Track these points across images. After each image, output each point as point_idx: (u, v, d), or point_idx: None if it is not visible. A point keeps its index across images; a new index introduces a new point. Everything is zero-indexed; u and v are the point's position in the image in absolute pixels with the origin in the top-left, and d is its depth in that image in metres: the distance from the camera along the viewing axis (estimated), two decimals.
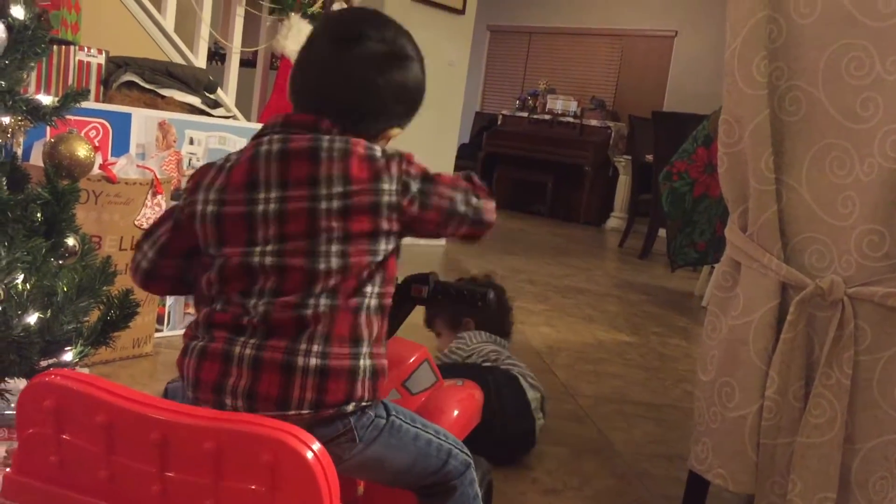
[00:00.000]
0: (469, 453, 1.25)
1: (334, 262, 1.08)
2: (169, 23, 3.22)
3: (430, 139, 6.01)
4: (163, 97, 2.83)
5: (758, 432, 1.71)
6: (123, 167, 2.44)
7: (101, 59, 2.69)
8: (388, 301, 1.15)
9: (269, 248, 1.09)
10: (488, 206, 1.21)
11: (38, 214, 1.60)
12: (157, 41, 3.17)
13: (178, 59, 3.21)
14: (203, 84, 3.02)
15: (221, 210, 1.12)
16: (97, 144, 2.56)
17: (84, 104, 2.57)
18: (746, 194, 1.78)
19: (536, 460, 2.24)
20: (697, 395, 1.87)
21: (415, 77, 1.21)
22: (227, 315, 1.09)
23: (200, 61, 3.36)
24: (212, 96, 3.06)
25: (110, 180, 2.37)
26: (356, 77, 1.15)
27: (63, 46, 2.59)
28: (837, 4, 1.59)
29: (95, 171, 2.41)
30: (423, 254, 5.77)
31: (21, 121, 1.67)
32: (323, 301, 1.07)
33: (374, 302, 1.11)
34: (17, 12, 1.59)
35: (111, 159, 2.53)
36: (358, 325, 1.09)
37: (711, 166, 2.03)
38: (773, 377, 1.69)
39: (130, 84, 2.77)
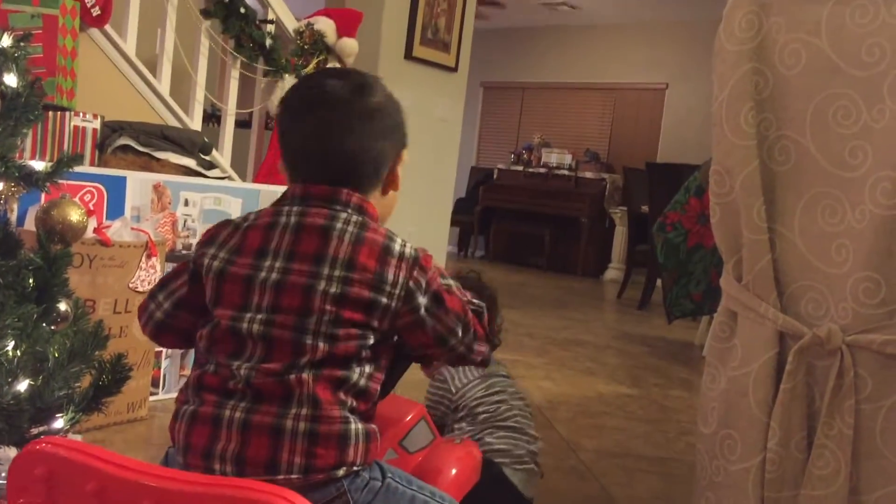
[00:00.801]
0: None
1: (321, 342, 1.07)
2: (164, 87, 3.26)
3: (427, 194, 6.04)
4: (158, 160, 2.85)
5: (762, 485, 1.69)
6: (118, 230, 2.44)
7: (97, 124, 2.72)
8: (377, 386, 1.14)
9: (259, 316, 1.09)
10: (480, 349, 1.21)
11: (30, 280, 1.60)
12: (153, 105, 3.20)
13: (174, 122, 3.24)
14: (198, 146, 3.04)
15: (227, 268, 1.12)
16: (92, 208, 2.57)
17: (79, 168, 2.58)
18: (740, 244, 1.77)
19: None
20: (699, 449, 1.85)
21: (391, 106, 1.20)
22: (217, 378, 1.08)
23: (196, 124, 3.39)
24: (207, 158, 3.08)
25: (104, 243, 2.37)
26: (361, 139, 1.15)
27: (58, 112, 2.62)
28: (822, 55, 1.61)
29: (89, 234, 2.42)
30: None
31: (14, 187, 1.68)
32: (308, 371, 1.06)
33: (361, 382, 1.11)
34: (10, 80, 1.60)
35: (106, 222, 2.54)
36: (345, 395, 1.08)
37: (704, 216, 2.03)
38: (774, 428, 1.67)
39: (126, 148, 2.79)
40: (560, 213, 9.32)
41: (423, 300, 1.12)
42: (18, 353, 1.46)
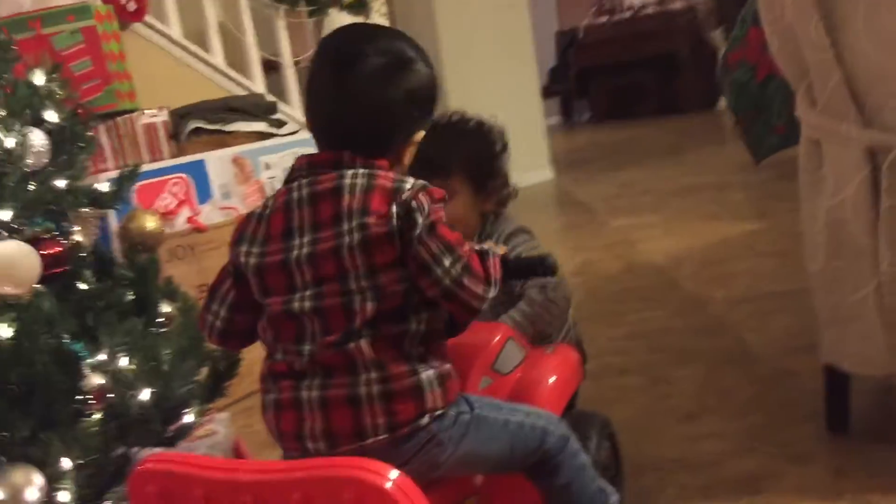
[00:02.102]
0: (565, 427, 1.25)
1: (369, 300, 1.08)
2: (218, 58, 3.30)
3: (506, 75, 5.92)
4: (230, 133, 2.91)
5: (882, 310, 1.62)
6: (208, 214, 2.54)
7: (165, 116, 2.80)
8: (439, 325, 1.14)
9: (307, 292, 1.10)
10: (473, 288, 1.11)
11: (128, 294, 1.70)
12: (213, 80, 3.26)
13: (239, 91, 3.29)
14: (264, 108, 3.08)
15: (262, 261, 1.14)
16: (183, 198, 2.67)
17: (159, 164, 2.69)
18: (805, 68, 1.66)
19: (673, 387, 2.20)
20: (813, 287, 1.78)
21: (420, 78, 1.17)
22: (284, 364, 1.12)
23: (258, 85, 3.43)
24: (275, 117, 3.13)
25: (201, 230, 2.48)
26: (363, 100, 1.13)
27: (125, 116, 2.71)
28: None
29: (185, 225, 2.53)
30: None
31: (90, 211, 1.77)
32: (365, 333, 1.08)
33: (422, 328, 1.11)
34: (51, 116, 1.67)
35: (197, 208, 2.65)
36: (408, 348, 1.10)
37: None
38: (882, 251, 1.59)
39: (198, 130, 2.86)
40: (656, 54, 8.93)
41: (420, 221, 1.09)
42: (133, 365, 1.57)
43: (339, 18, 3.52)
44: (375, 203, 1.09)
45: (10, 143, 1.54)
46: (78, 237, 1.77)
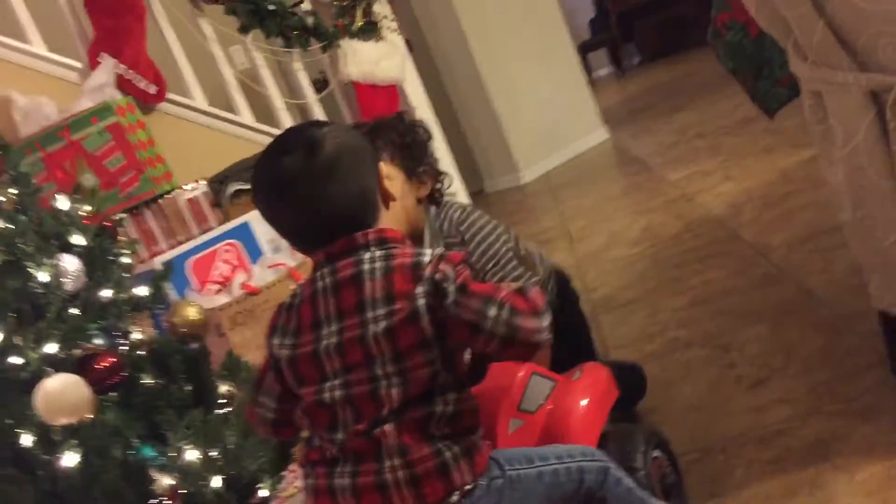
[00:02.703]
0: (601, 457, 1.26)
1: (395, 387, 1.11)
2: (245, 116, 3.40)
3: (536, 41, 5.86)
4: None
5: None
6: (260, 274, 2.64)
7: (204, 187, 2.91)
8: (467, 405, 1.16)
9: (337, 381, 1.14)
10: (528, 325, 1.11)
11: (186, 387, 1.79)
12: (245, 137, 3.35)
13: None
14: None
15: (294, 353, 1.18)
16: (236, 263, 2.78)
17: (208, 236, 2.80)
18: (787, 25, 1.61)
19: (738, 353, 2.18)
20: (847, 236, 1.74)
21: (346, 144, 1.19)
22: (319, 451, 1.17)
23: None
24: None
25: (254, 293, 2.57)
26: (330, 201, 1.16)
27: (166, 197, 2.83)
28: None
29: (239, 291, 2.63)
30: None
31: (136, 316, 1.87)
32: (391, 419, 1.11)
33: (449, 409, 1.13)
34: (78, 239, 1.77)
35: (251, 269, 2.75)
36: (432, 429, 1.12)
37: None
38: None
39: (237, 192, 2.96)
40: None
41: (451, 289, 1.12)
42: (200, 455, 1.66)
43: (352, 46, 3.57)
44: (398, 284, 1.12)
45: (44, 277, 1.65)
46: (137, 335, 1.88)
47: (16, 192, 1.89)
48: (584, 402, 1.41)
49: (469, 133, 6.01)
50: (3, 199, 1.82)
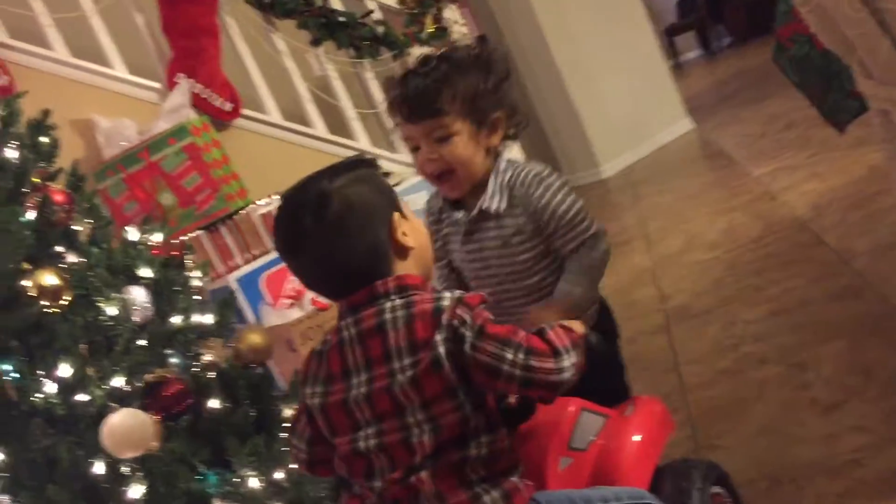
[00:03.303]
0: (652, 500, 1.24)
1: (426, 435, 1.11)
2: (319, 129, 3.44)
3: (615, 31, 5.75)
4: None
5: None
6: None
7: (276, 202, 2.97)
8: (502, 446, 1.16)
9: (370, 430, 1.15)
10: (544, 366, 1.12)
11: (250, 413, 1.84)
12: (320, 149, 3.40)
13: (346, 153, 3.41)
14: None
15: (326, 401, 1.19)
16: None
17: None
18: (850, 43, 1.53)
19: (814, 372, 2.10)
20: None
21: (355, 200, 1.16)
22: (359, 499, 1.19)
23: (362, 142, 3.54)
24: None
25: (323, 309, 2.62)
26: (343, 255, 1.16)
27: (241, 213, 2.90)
28: None
29: (310, 307, 2.67)
30: None
31: (205, 343, 1.93)
32: (426, 465, 1.12)
33: (483, 452, 1.13)
34: (146, 272, 1.84)
35: None
36: (469, 474, 1.12)
37: None
38: None
39: None
40: None
41: (468, 335, 1.11)
42: (263, 482, 1.70)
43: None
44: (420, 332, 1.12)
45: (112, 310, 1.72)
46: (208, 356, 1.94)
47: (91, 222, 1.97)
48: (636, 439, 1.39)
49: (547, 127, 5.95)
50: (80, 230, 1.90)
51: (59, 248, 1.80)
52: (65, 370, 1.59)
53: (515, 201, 1.48)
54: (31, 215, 1.69)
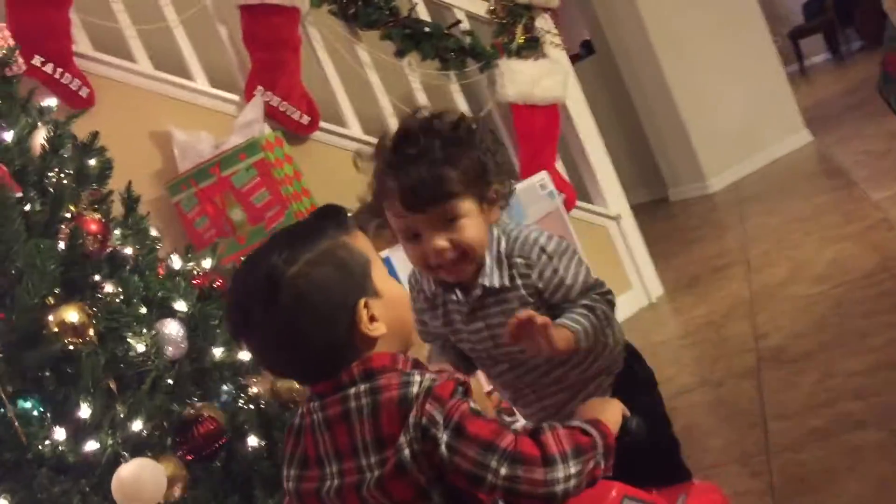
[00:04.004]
0: None
1: None
2: None
3: (729, 41, 5.44)
4: None
5: None
6: None
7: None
8: None
9: None
10: (533, 477, 0.97)
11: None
12: None
13: None
14: None
15: (300, 486, 1.10)
16: None
17: None
18: None
19: None
20: None
21: (309, 288, 1.03)
22: None
23: None
24: None
25: None
26: (293, 350, 1.05)
27: None
28: None
29: None
30: None
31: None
32: None
33: None
34: (181, 306, 1.76)
35: None
36: None
37: None
38: None
39: (381, 224, 2.91)
40: None
41: (442, 435, 0.98)
42: None
43: (509, 66, 3.42)
44: (386, 426, 1.01)
45: (141, 346, 1.65)
46: (251, 391, 1.86)
47: (138, 247, 1.92)
48: None
49: (652, 137, 5.69)
50: (129, 252, 1.86)
51: (96, 278, 1.75)
52: (84, 411, 1.52)
53: (517, 272, 1.38)
54: (63, 244, 1.63)
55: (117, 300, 1.73)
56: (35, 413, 1.53)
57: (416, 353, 1.17)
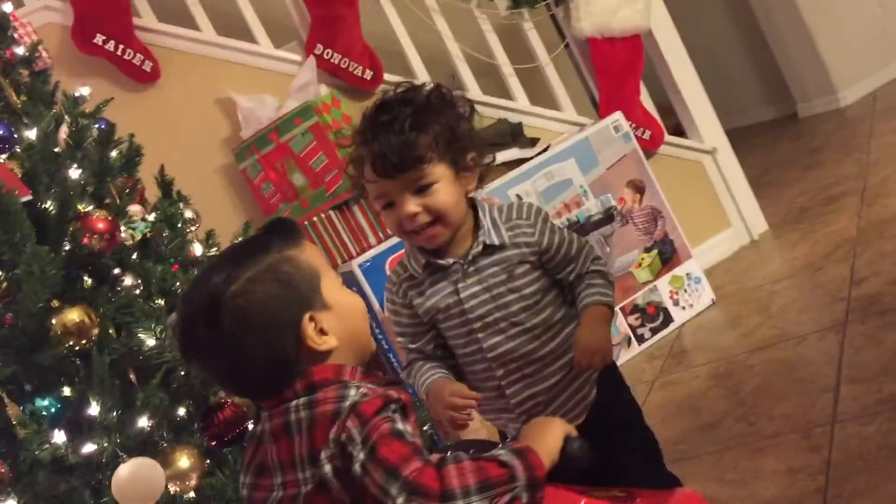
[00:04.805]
0: None
1: None
2: (474, 92, 3.21)
3: None
4: None
5: None
6: None
7: None
8: None
9: None
10: None
11: None
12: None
13: (501, 114, 3.16)
14: (509, 133, 2.95)
15: (252, 494, 1.09)
16: None
17: None
18: None
19: None
20: None
21: (252, 316, 1.02)
22: None
23: (522, 102, 3.27)
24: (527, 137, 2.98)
25: None
26: (250, 360, 1.03)
27: None
28: None
29: None
30: None
31: None
32: None
33: None
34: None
35: None
36: None
37: None
38: None
39: None
40: None
41: (358, 454, 0.95)
42: None
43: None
44: (319, 441, 0.99)
45: (151, 341, 1.69)
46: None
47: (165, 235, 1.95)
48: None
49: (776, 48, 5.23)
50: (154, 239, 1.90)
51: (115, 271, 1.79)
52: (94, 409, 1.58)
53: (520, 231, 1.42)
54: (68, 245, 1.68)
55: (136, 292, 1.77)
56: (52, 411, 1.60)
57: None
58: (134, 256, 1.86)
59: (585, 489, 1.25)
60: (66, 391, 1.60)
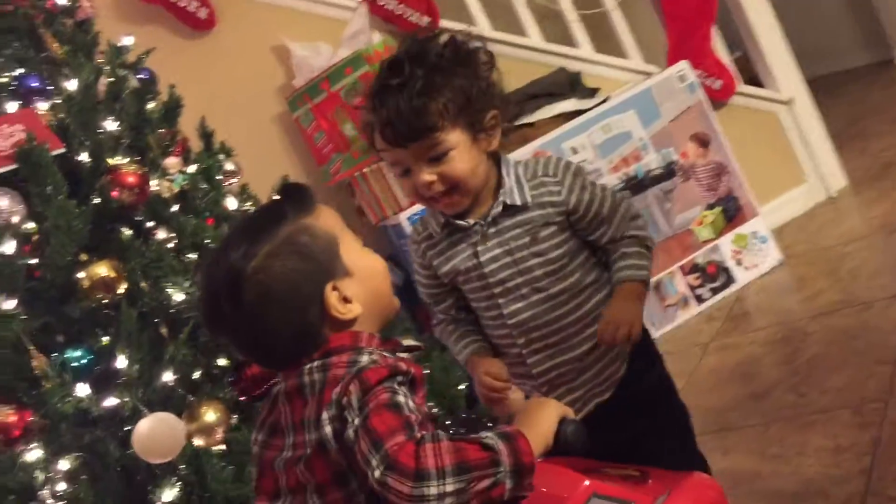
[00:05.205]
0: None
1: None
2: (534, 38, 3.10)
3: None
4: (532, 125, 2.75)
5: None
6: None
7: None
8: None
9: (288, 499, 1.04)
10: (399, 489, 0.90)
11: None
12: (532, 60, 3.07)
13: (562, 62, 3.05)
14: (566, 84, 2.84)
15: (263, 452, 1.09)
16: None
17: None
18: None
19: None
20: None
21: (274, 284, 1.01)
22: None
23: (585, 50, 3.13)
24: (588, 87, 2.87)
25: None
26: (275, 332, 1.03)
27: None
28: None
29: None
30: None
31: None
32: None
33: None
34: None
35: None
36: None
37: None
38: None
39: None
40: None
41: (353, 420, 0.93)
42: None
43: None
44: (325, 403, 0.98)
45: (179, 296, 1.69)
46: None
47: (204, 187, 1.95)
48: None
49: None
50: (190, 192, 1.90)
51: (149, 224, 1.80)
52: (122, 361, 1.60)
53: (546, 190, 1.34)
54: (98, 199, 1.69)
55: (169, 246, 1.78)
56: (83, 362, 1.62)
57: None
58: (174, 209, 1.87)
59: (598, 466, 1.20)
60: (102, 340, 1.62)
